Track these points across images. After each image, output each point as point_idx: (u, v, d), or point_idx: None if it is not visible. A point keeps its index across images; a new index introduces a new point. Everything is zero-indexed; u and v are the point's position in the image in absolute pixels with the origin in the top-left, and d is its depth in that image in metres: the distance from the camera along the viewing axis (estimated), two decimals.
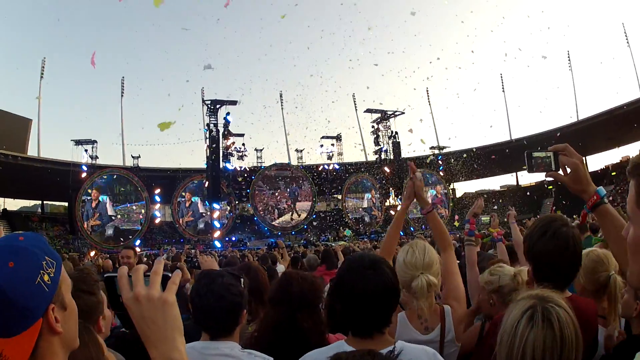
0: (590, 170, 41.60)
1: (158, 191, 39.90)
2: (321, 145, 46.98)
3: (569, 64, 47.58)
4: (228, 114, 39.14)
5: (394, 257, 2.65)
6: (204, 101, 40.50)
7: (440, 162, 46.69)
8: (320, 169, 45.41)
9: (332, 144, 47.12)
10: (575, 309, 1.41)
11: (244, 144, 42.37)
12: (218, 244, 36.54)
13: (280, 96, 50.14)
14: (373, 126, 45.15)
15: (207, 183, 39.11)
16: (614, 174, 40.71)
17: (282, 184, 44.81)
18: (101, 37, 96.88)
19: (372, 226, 44.41)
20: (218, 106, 38.77)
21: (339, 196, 46.88)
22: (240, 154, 41.89)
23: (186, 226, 42.39)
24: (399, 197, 40.95)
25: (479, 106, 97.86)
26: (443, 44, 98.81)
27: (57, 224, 42.21)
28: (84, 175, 37.93)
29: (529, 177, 51.34)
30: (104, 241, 37.55)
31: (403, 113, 44.55)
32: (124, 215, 39.88)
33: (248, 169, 43.12)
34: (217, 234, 38.23)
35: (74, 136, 40.35)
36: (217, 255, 14.38)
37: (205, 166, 39.45)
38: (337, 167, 45.70)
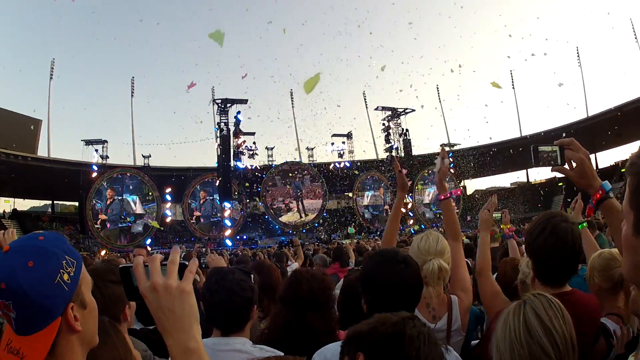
0: (600, 167, 41.22)
1: (169, 190, 40.18)
2: (332, 143, 46.84)
3: (578, 60, 46.95)
4: (239, 112, 39.20)
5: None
6: (214, 100, 40.59)
7: (450, 160, 46.11)
8: (331, 166, 45.27)
9: (343, 142, 46.94)
10: (575, 303, 1.43)
11: (254, 143, 42.35)
12: (229, 242, 36.68)
13: (291, 95, 50.19)
14: (384, 124, 44.94)
15: (217, 182, 39.31)
16: (624, 170, 39.98)
17: (289, 180, 44.82)
18: (110, 36, 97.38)
19: (384, 224, 44.12)
20: (229, 105, 38.85)
21: (350, 194, 46.72)
22: (251, 152, 41.79)
23: (197, 222, 42.65)
24: (409, 195, 40.78)
25: (489, 103, 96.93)
26: (456, 43, 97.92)
27: (67, 223, 42.54)
28: (94, 175, 38.29)
29: (539, 174, 50.90)
30: (114, 240, 38.18)
31: (414, 110, 44.24)
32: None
33: (259, 168, 43.16)
34: (228, 232, 38.39)
35: (85, 136, 40.64)
36: (227, 253, 14.43)
37: (216, 165, 39.66)
38: (347, 164, 45.57)
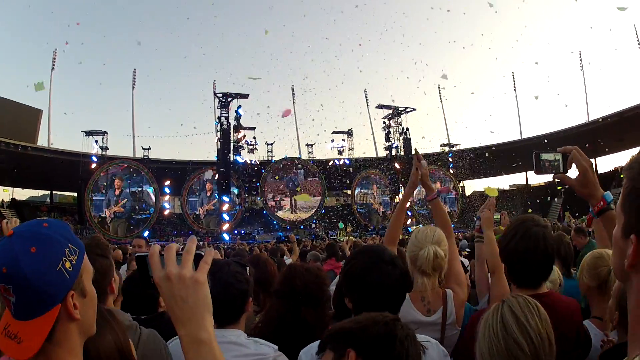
0: (600, 172, 41.20)
1: (168, 183, 40.19)
2: (332, 140, 46.81)
3: (581, 65, 46.97)
4: (239, 107, 39.17)
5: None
6: (215, 94, 40.52)
7: (450, 160, 46.37)
8: (330, 163, 45.27)
9: (343, 139, 46.86)
10: (550, 304, 1.45)
11: (254, 137, 42.29)
12: (227, 236, 36.73)
13: (292, 90, 50.14)
14: (384, 122, 44.94)
15: (217, 176, 39.29)
16: (622, 176, 39.98)
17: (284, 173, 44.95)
18: (113, 27, 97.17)
19: (381, 222, 44.18)
20: (229, 99, 38.81)
21: (349, 191, 46.79)
22: (251, 147, 41.78)
23: (206, 215, 42.67)
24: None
25: (490, 104, 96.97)
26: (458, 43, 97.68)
27: (65, 214, 42.47)
28: (93, 166, 38.31)
29: (538, 177, 50.74)
30: (124, 232, 38.45)
31: (414, 109, 44.30)
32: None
33: (258, 162, 43.16)
34: (225, 226, 38.43)
35: (85, 127, 40.52)
36: (224, 247, 14.41)
37: (215, 159, 39.61)
38: (347, 162, 45.56)
